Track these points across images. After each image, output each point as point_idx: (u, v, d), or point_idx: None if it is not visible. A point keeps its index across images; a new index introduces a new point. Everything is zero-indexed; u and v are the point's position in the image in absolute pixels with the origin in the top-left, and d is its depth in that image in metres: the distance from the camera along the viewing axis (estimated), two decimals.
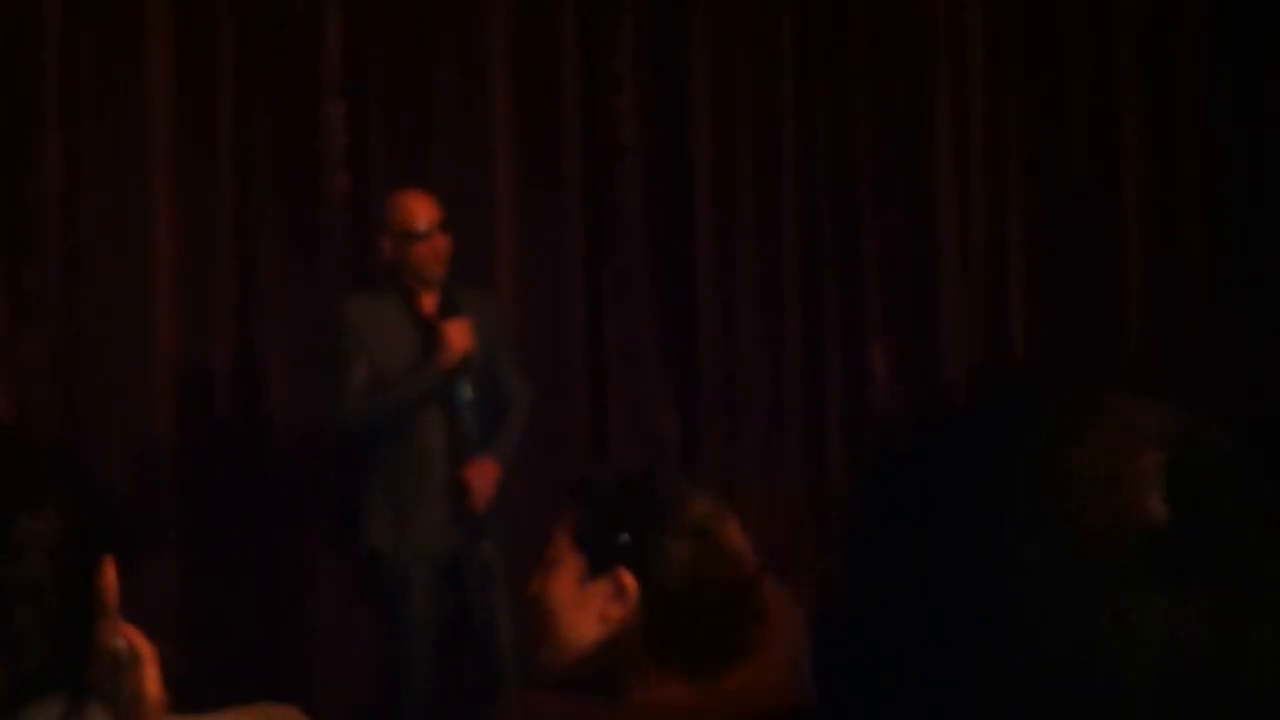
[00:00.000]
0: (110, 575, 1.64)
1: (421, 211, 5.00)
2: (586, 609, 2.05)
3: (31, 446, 1.70)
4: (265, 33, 5.86)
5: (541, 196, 6.15)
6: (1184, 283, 6.78)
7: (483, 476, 4.97)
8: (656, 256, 6.30)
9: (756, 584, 2.05)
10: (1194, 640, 0.73)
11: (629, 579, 2.03)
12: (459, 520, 4.96)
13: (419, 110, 6.02)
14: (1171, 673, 0.73)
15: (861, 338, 6.48)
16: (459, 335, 4.91)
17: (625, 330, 6.25)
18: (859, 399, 6.44)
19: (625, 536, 2.04)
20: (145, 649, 1.63)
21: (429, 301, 5.01)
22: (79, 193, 5.64)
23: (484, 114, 6.08)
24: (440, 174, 5.95)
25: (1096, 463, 0.77)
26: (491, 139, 6.09)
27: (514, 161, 6.13)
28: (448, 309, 4.96)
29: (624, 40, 6.25)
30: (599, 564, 2.06)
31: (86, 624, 1.60)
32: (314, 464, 5.78)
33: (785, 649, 2.17)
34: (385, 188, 5.63)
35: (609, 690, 2.00)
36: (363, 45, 5.95)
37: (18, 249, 5.58)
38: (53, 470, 1.64)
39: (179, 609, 5.62)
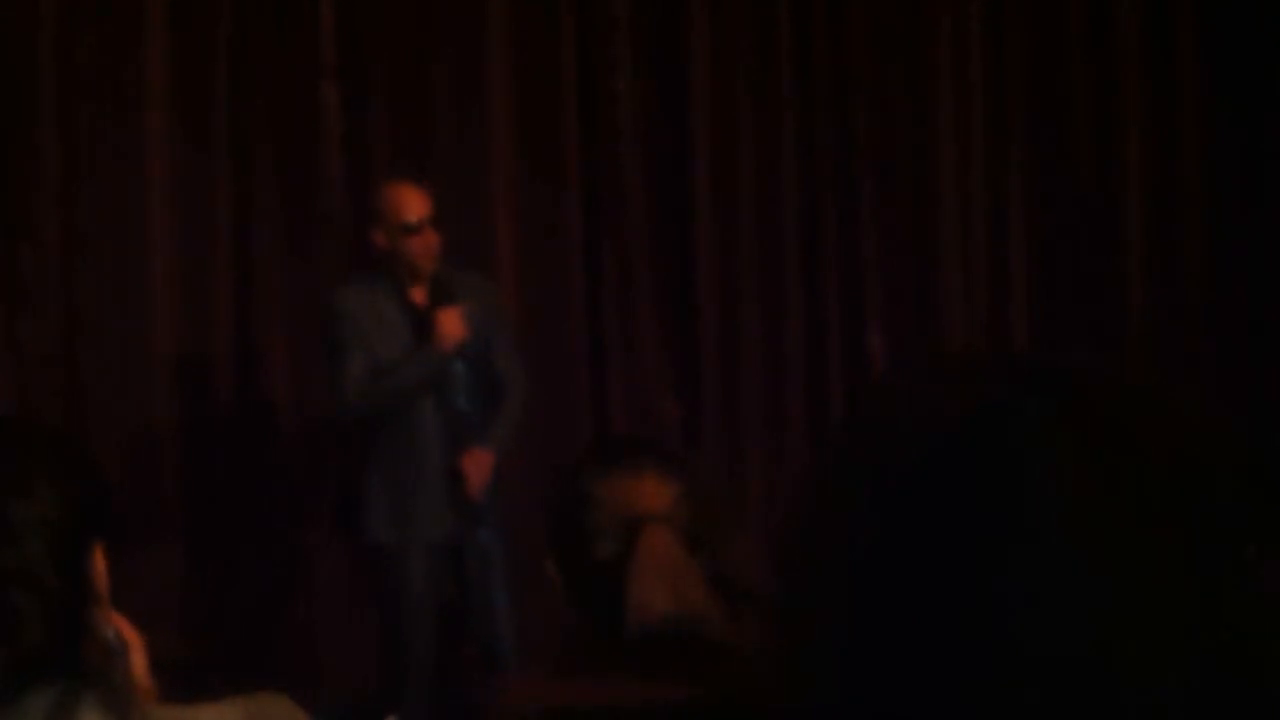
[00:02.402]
0: (100, 563, 1.64)
1: (414, 204, 4.96)
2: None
3: (30, 431, 1.71)
4: (261, 17, 5.85)
5: (540, 181, 6.13)
6: (1185, 274, 6.78)
7: (479, 465, 4.96)
8: (656, 241, 6.29)
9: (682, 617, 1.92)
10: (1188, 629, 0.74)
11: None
12: (457, 508, 4.97)
13: (416, 94, 6.00)
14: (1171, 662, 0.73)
15: (862, 323, 6.47)
16: (452, 323, 4.90)
17: (625, 315, 6.24)
18: (860, 383, 6.44)
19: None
20: (134, 638, 1.64)
21: (421, 291, 4.99)
22: (76, 178, 5.63)
23: (482, 98, 6.06)
24: (438, 158, 5.94)
25: (1083, 458, 0.77)
26: (490, 123, 6.07)
27: (512, 146, 6.11)
28: (441, 297, 4.94)
29: (622, 23, 6.24)
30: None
31: (82, 609, 1.61)
32: (314, 448, 5.77)
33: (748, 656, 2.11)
34: (383, 172, 5.62)
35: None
36: (359, 29, 5.93)
37: (15, 234, 5.57)
38: (50, 455, 1.64)
39: (181, 595, 5.62)
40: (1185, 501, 0.76)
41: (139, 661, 1.64)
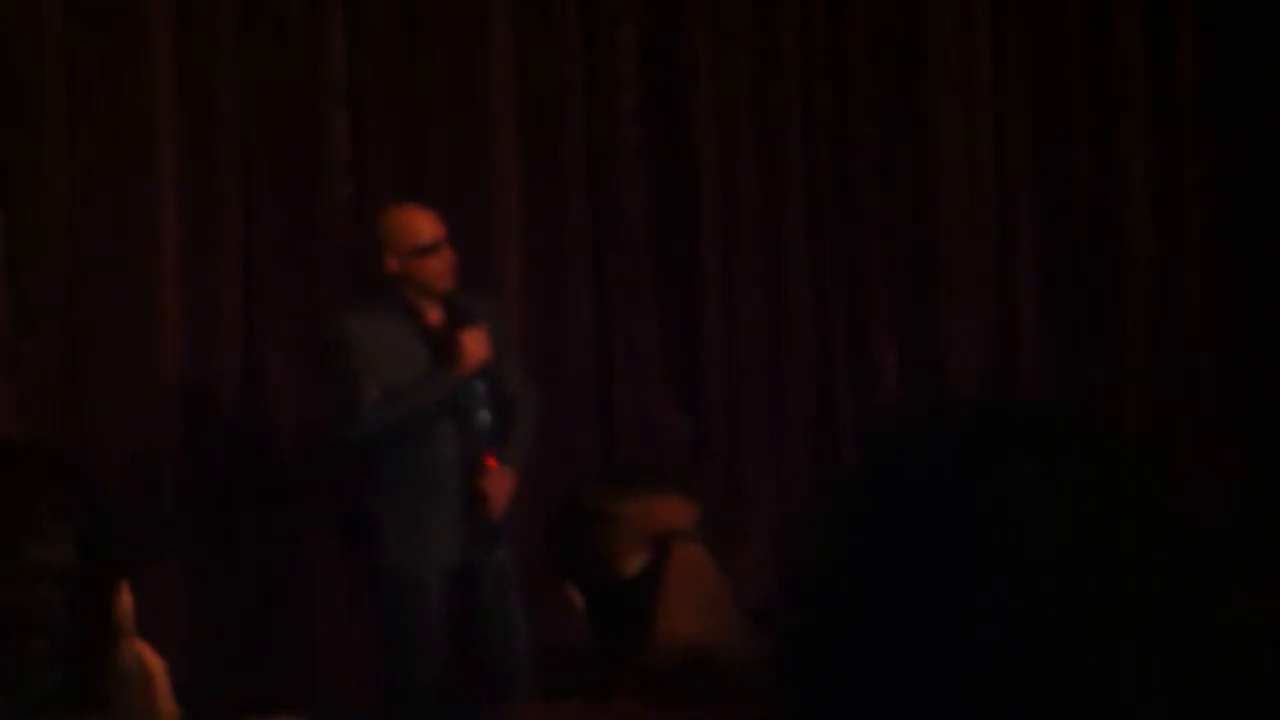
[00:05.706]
0: (126, 600, 1.64)
1: (426, 226, 4.91)
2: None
3: (46, 472, 1.68)
4: (267, 39, 5.84)
5: (545, 199, 6.13)
6: (1189, 279, 6.78)
7: (500, 486, 4.91)
8: (661, 257, 6.28)
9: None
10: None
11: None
12: (474, 529, 4.93)
13: (421, 115, 6.00)
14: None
15: (867, 335, 6.47)
16: (475, 344, 4.86)
17: (630, 330, 6.24)
18: (866, 396, 6.44)
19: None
20: (157, 665, 1.65)
21: (434, 313, 4.94)
22: (82, 200, 5.62)
23: (486, 118, 6.05)
24: (443, 178, 5.94)
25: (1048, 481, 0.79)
26: (494, 142, 6.06)
27: (517, 165, 6.11)
28: (458, 318, 4.90)
29: (625, 42, 6.24)
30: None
31: (98, 648, 1.60)
32: (319, 468, 5.75)
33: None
34: (388, 193, 5.61)
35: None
36: (364, 50, 5.92)
37: (21, 256, 5.56)
38: (67, 496, 1.63)
39: (186, 613, 5.61)
40: (1172, 525, 0.79)
41: (163, 688, 1.64)
